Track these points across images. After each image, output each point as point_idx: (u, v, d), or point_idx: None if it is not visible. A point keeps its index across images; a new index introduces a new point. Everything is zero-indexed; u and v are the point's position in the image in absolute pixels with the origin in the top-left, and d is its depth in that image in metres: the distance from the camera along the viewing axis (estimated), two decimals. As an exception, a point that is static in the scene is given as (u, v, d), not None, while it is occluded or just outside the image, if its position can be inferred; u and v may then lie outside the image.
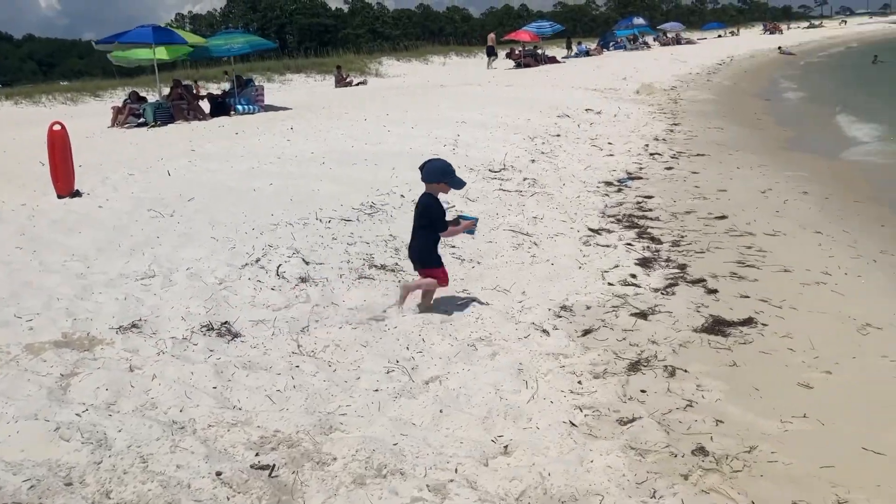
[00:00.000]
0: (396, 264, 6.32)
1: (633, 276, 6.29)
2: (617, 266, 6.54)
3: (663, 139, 14.32)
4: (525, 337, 4.99)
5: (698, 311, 5.45)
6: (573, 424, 3.84)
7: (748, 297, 5.75)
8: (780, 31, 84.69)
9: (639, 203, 9.02)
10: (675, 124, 16.60)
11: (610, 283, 6.11)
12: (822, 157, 13.01)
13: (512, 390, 4.20)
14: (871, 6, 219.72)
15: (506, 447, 3.65)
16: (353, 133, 13.38)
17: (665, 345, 4.88)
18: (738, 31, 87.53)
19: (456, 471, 3.40)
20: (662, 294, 5.86)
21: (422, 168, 5.38)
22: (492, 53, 39.40)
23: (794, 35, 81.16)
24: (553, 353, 4.75)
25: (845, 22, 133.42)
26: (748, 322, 5.25)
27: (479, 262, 6.56)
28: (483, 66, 38.64)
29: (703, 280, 6.14)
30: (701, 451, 3.59)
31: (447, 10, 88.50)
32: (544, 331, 5.11)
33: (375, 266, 6.26)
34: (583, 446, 3.62)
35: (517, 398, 4.12)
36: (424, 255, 5.38)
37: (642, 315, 5.42)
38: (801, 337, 4.95)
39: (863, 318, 5.28)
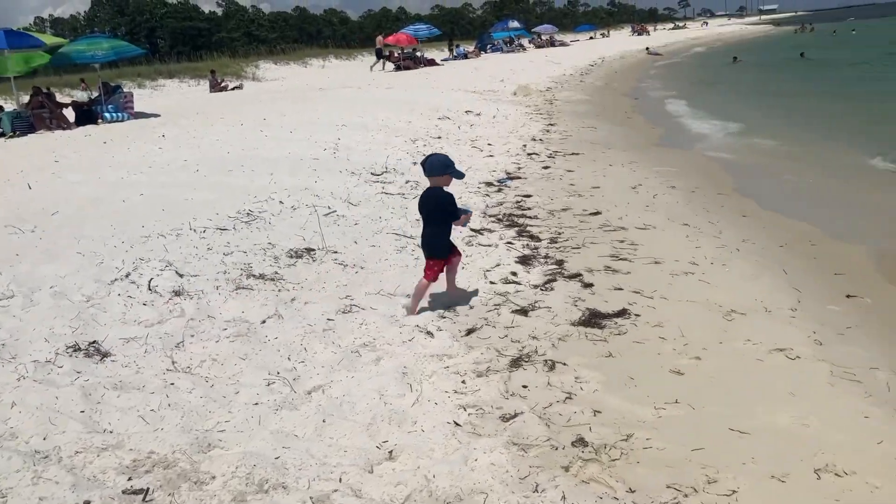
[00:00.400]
0: (276, 273, 6.19)
1: (514, 273, 6.40)
2: (498, 265, 6.63)
3: (540, 139, 14.68)
4: (409, 340, 4.98)
5: (576, 306, 5.60)
6: (457, 424, 3.86)
7: (622, 289, 5.96)
8: (648, 33, 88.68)
9: (518, 202, 9.19)
10: (551, 124, 17.05)
11: (492, 282, 6.20)
12: (688, 152, 13.68)
13: (396, 394, 4.18)
14: (728, 8, 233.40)
15: (391, 452, 3.63)
16: (229, 139, 13.03)
17: (545, 339, 4.99)
18: (608, 32, 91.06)
19: (340, 480, 3.36)
20: (542, 290, 5.99)
21: (423, 164, 5.58)
22: (381, 56, 39.36)
23: (661, 36, 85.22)
24: (437, 355, 4.76)
25: (707, 23, 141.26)
26: (622, 313, 5.44)
27: (362, 267, 6.51)
28: (364, 69, 38.53)
29: (580, 275, 6.32)
30: (581, 442, 3.69)
31: (325, 13, 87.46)
32: (428, 332, 5.12)
33: (254, 276, 6.10)
34: (467, 445, 3.65)
35: (402, 402, 4.11)
36: (445, 246, 5.63)
37: (523, 312, 5.52)
38: (671, 326, 5.17)
39: (728, 305, 5.58)
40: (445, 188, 5.57)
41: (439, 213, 5.53)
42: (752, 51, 53.58)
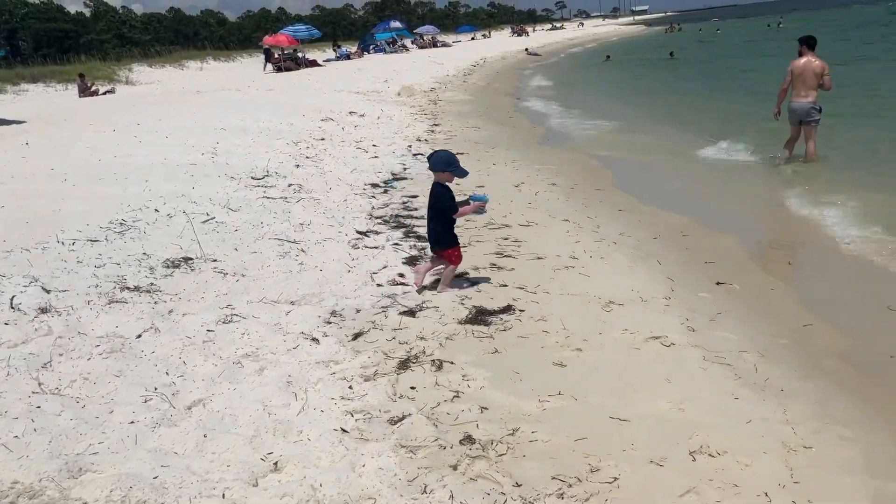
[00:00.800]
0: (152, 284, 5.92)
1: (402, 275, 6.39)
2: (385, 267, 6.60)
3: (425, 139, 14.73)
4: (294, 348, 4.88)
5: (462, 304, 5.64)
6: (344, 431, 3.81)
7: (506, 285, 6.05)
8: (527, 34, 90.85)
9: (405, 203, 9.19)
10: (436, 125, 17.16)
11: (379, 285, 6.16)
12: (567, 150, 14.07)
13: (281, 404, 4.08)
14: (603, 9, 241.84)
15: (276, 464, 3.54)
16: (100, 145, 12.38)
17: (433, 340, 4.99)
18: (489, 33, 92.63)
19: (223, 496, 3.24)
20: (429, 290, 6.00)
21: (429, 158, 6.04)
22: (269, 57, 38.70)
23: (540, 37, 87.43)
24: (323, 361, 4.68)
25: (583, 24, 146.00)
26: (507, 309, 5.52)
27: (243, 275, 6.32)
28: (245, 71, 37.69)
29: (466, 273, 6.36)
30: (468, 439, 3.71)
31: (201, 14, 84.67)
32: (314, 339, 5.02)
33: (128, 288, 5.82)
34: (354, 452, 3.60)
35: (286, 412, 4.01)
36: (442, 237, 5.97)
37: (411, 313, 5.51)
38: (554, 319, 5.29)
39: (606, 297, 5.76)
40: (447, 183, 5.89)
41: (437, 206, 5.89)
42: (625, 50, 55.76)
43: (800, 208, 8.82)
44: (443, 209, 5.86)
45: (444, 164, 5.82)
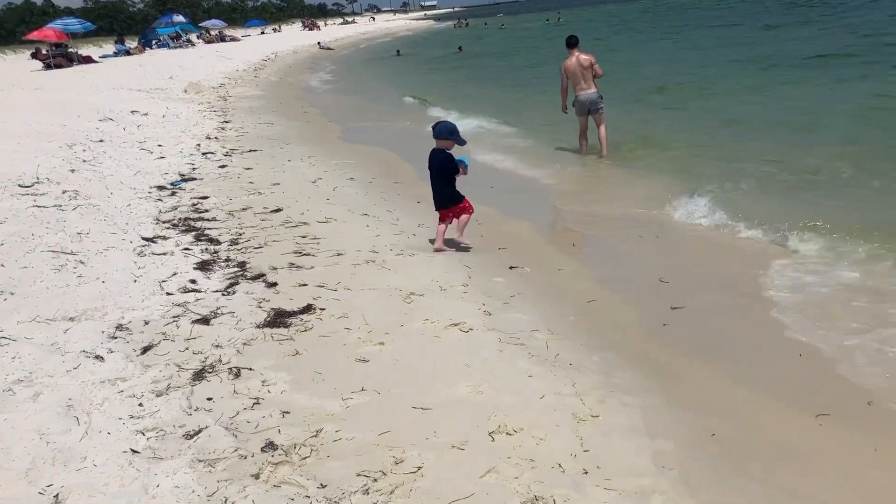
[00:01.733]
0: None
1: (193, 281, 6.09)
2: (175, 273, 6.26)
3: (215, 137, 14.17)
4: (74, 368, 4.49)
5: (260, 307, 5.47)
6: (135, 451, 3.56)
7: (306, 284, 5.95)
8: (318, 28, 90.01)
9: (195, 205, 8.77)
10: (227, 122, 16.56)
11: (169, 293, 5.83)
12: (363, 144, 14.08)
13: (60, 431, 3.74)
14: (393, 4, 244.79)
15: (56, 497, 3.23)
16: None
17: (230, 347, 4.80)
18: (279, 27, 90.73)
19: (-5, 541, 2.92)
20: (224, 295, 5.77)
21: (434, 128, 7.03)
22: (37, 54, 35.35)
23: (331, 31, 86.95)
24: (109, 380, 4.35)
25: (374, 19, 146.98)
26: (308, 309, 5.42)
27: (12, 293, 5.73)
28: (6, 69, 34.18)
29: (264, 275, 6.19)
30: (270, 446, 3.60)
31: (-49, 5, 76.05)
32: (97, 357, 4.65)
33: None
34: (147, 472, 3.38)
35: (67, 438, 3.68)
36: (452, 195, 7.01)
37: (205, 320, 5.26)
38: (355, 315, 5.27)
39: (407, 289, 5.83)
40: (448, 150, 6.88)
41: (446, 169, 6.87)
42: (415, 45, 56.82)
43: (582, 193, 9.43)
44: (451, 170, 6.88)
45: (447, 132, 6.88)
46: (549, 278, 6.42)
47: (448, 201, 7.03)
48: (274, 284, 5.97)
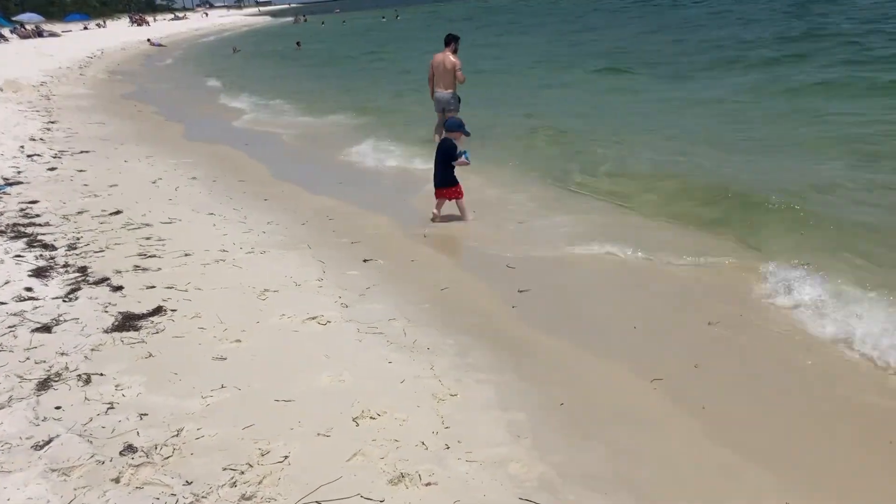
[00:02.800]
0: None
1: (29, 289, 5.75)
2: (8, 282, 5.89)
3: (41, 139, 13.28)
4: None
5: (106, 311, 5.27)
6: (-21, 467, 3.38)
7: (154, 286, 5.78)
8: (147, 23, 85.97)
9: (23, 210, 8.23)
10: (53, 122, 15.56)
11: (2, 302, 5.48)
12: (204, 141, 13.68)
13: None
14: None
15: None
16: None
17: (76, 353, 4.61)
18: (104, 23, 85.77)
19: None
20: (65, 301, 5.50)
21: (445, 122, 8.39)
22: None
23: (162, 27, 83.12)
24: (-59, 396, 4.07)
25: (207, 14, 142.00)
26: (158, 311, 5.28)
27: None
28: None
29: (107, 279, 5.95)
30: (129, 449, 3.52)
31: None
32: (-75, 373, 4.33)
33: None
34: (-5, 488, 3.22)
35: None
36: (449, 178, 7.99)
37: (46, 328, 5.00)
38: (209, 314, 5.19)
39: (261, 286, 5.80)
40: (455, 140, 7.95)
41: (445, 156, 7.89)
42: (252, 41, 55.47)
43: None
44: (451, 157, 7.86)
45: (457, 126, 8.02)
46: (403, 269, 6.57)
47: (441, 183, 8.00)
48: (119, 288, 5.76)
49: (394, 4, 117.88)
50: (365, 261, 6.69)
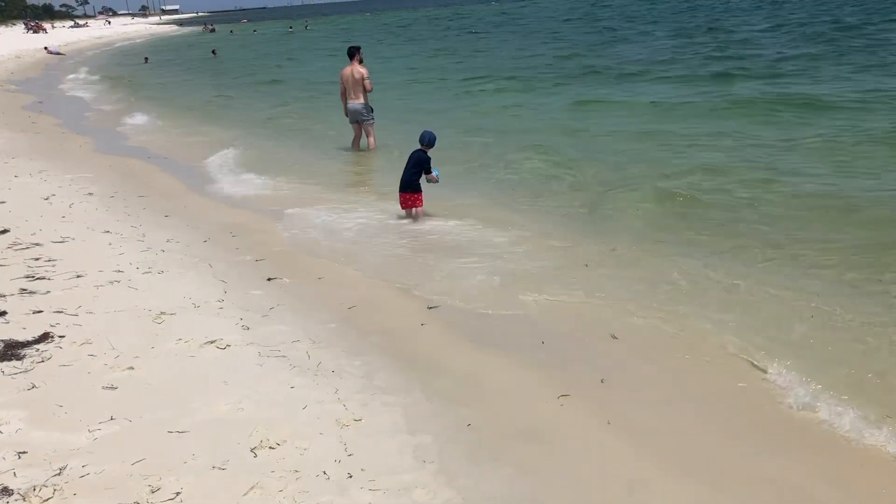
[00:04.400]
0: None
1: None
2: None
3: (-78, 152, 12.48)
4: None
5: (-14, 340, 4.92)
6: None
7: (42, 311, 5.45)
8: (45, 31, 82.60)
9: None
10: (-64, 134, 14.65)
11: None
12: (103, 154, 13.13)
13: None
14: (131, 7, 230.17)
15: None
16: None
17: (-50, 387, 4.27)
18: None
19: None
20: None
21: (423, 134, 8.53)
22: None
23: (61, 35, 79.95)
24: None
25: (110, 22, 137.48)
26: (45, 338, 4.97)
27: None
28: None
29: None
30: (4, 491, 3.26)
31: None
32: None
33: None
34: None
35: None
36: (416, 185, 8.36)
37: (-84, 360, 4.63)
38: (100, 340, 4.92)
39: (158, 308, 5.54)
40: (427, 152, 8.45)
41: (421, 165, 8.33)
42: (161, 51, 53.88)
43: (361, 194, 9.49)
44: (424, 168, 8.33)
45: (431, 140, 8.45)
46: (309, 287, 6.40)
47: (407, 187, 8.34)
48: (3, 314, 5.40)
49: (292, 17, 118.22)
50: (269, 279, 6.50)
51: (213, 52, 43.17)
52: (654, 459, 3.78)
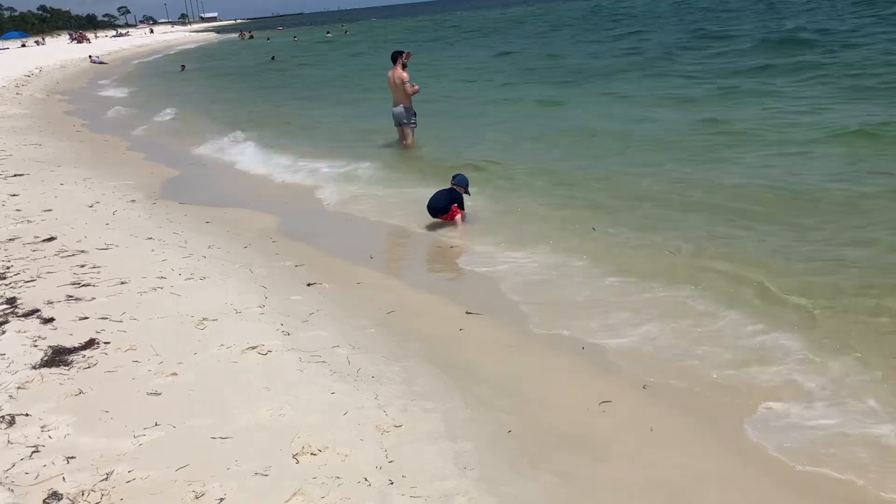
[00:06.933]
0: None
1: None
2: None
3: (-27, 161, 12.82)
4: None
5: (35, 346, 5.02)
6: None
7: (87, 317, 5.54)
8: (88, 41, 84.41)
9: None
10: (-16, 144, 15.05)
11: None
12: (144, 163, 13.38)
13: None
14: (171, 16, 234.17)
15: None
16: None
17: (1, 393, 4.36)
18: (43, 40, 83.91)
19: None
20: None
21: (455, 176, 8.75)
22: None
23: (104, 44, 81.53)
24: None
25: (152, 31, 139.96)
26: (90, 344, 5.06)
27: None
28: None
29: (38, 310, 5.69)
30: (54, 496, 3.32)
31: None
32: None
33: None
34: None
35: None
36: (446, 211, 8.45)
37: (-31, 366, 4.74)
38: (144, 346, 4.99)
39: (199, 314, 5.60)
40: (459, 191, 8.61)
41: (452, 201, 8.48)
42: (201, 58, 54.64)
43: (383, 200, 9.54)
44: (458, 205, 8.50)
45: (466, 182, 8.68)
46: (348, 292, 6.43)
47: (438, 213, 8.50)
48: (50, 320, 5.51)
49: (323, 21, 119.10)
50: (309, 284, 6.55)
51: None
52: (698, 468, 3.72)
